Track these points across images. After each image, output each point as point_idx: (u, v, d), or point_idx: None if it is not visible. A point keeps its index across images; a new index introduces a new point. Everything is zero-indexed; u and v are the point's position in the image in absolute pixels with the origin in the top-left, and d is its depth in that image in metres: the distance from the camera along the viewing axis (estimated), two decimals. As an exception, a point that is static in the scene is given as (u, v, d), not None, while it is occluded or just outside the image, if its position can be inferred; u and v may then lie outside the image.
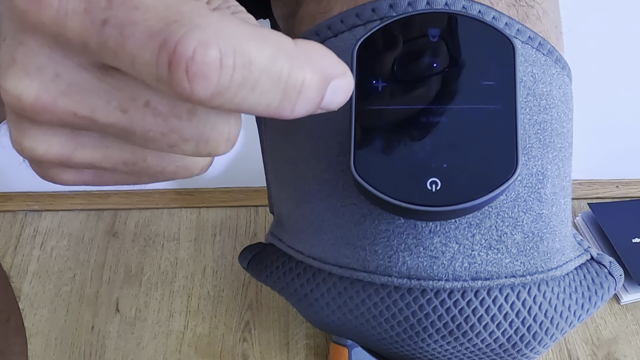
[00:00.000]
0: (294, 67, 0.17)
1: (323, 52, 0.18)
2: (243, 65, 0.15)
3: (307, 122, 0.32)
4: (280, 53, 0.16)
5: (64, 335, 1.04)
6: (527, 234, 0.30)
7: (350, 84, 0.19)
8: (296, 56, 0.17)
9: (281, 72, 0.16)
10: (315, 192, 0.32)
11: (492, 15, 0.30)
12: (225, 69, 0.15)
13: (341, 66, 0.19)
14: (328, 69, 0.18)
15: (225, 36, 0.15)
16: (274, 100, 0.17)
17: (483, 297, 0.30)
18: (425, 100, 0.26)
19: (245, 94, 0.16)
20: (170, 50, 0.15)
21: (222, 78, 0.15)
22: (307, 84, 0.17)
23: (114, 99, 0.17)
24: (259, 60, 0.16)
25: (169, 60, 0.15)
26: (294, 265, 0.35)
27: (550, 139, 0.31)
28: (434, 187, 0.25)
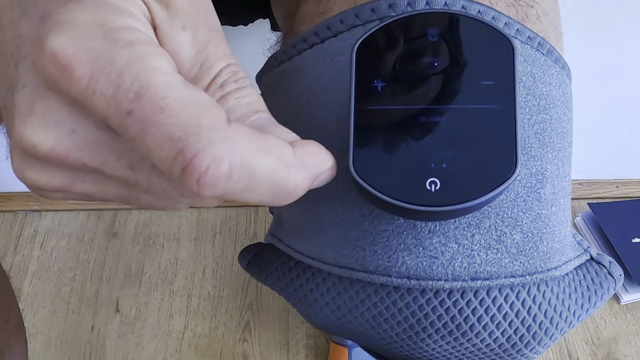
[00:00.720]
0: (290, 174, 0.19)
1: (317, 153, 0.21)
2: (247, 176, 0.18)
3: (307, 123, 0.32)
4: (281, 164, 0.19)
5: (64, 335, 1.04)
6: (526, 234, 0.30)
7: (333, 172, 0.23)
8: (293, 165, 0.19)
9: (278, 180, 0.19)
10: (314, 192, 0.32)
11: (491, 15, 0.30)
12: (232, 180, 0.17)
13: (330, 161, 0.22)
14: (319, 168, 0.21)
15: (237, 152, 0.17)
16: (268, 198, 0.19)
17: (482, 297, 0.30)
18: (424, 100, 0.26)
19: (244, 195, 0.18)
20: (187, 161, 0.17)
21: (228, 187, 0.17)
22: (299, 186, 0.20)
23: (124, 157, 0.19)
24: (261, 171, 0.18)
25: (184, 167, 0.17)
26: (294, 265, 0.35)
27: (550, 139, 0.31)
28: (433, 187, 0.25)
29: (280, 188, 0.19)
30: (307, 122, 0.32)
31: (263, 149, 0.18)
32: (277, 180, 0.19)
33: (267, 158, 0.18)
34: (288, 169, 0.19)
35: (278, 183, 0.19)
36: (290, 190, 0.20)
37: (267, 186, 0.19)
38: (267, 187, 0.19)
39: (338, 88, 0.31)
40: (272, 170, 0.18)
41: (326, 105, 0.31)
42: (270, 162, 0.18)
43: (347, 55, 0.30)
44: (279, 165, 0.19)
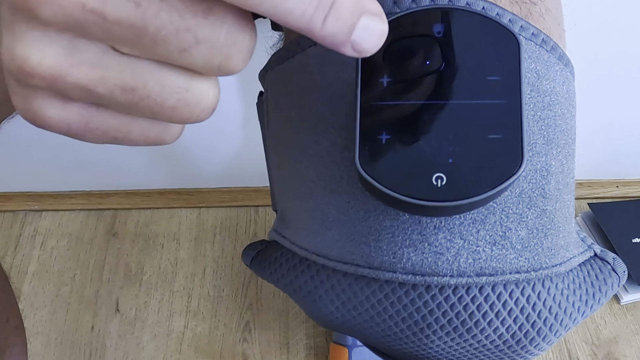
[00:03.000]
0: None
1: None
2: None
3: (312, 119, 0.32)
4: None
5: (64, 335, 1.04)
6: (531, 230, 0.30)
7: (385, 28, 0.19)
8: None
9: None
10: (319, 189, 0.32)
11: (495, 11, 0.30)
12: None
13: (376, 6, 0.19)
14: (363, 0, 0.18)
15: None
16: (309, 7, 0.17)
17: (487, 293, 0.30)
18: (430, 96, 0.26)
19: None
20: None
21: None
22: (341, 1, 0.17)
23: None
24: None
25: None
26: (298, 262, 0.35)
27: (554, 135, 0.31)
28: (439, 183, 0.25)
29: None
30: (312, 119, 0.32)
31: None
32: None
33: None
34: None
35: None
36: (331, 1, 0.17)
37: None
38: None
39: (343, 84, 0.31)
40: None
41: (331, 102, 0.31)
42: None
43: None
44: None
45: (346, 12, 0.18)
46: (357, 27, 0.18)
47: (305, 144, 0.33)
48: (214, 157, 1.16)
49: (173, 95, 0.19)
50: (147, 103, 0.19)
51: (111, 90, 0.18)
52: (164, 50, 0.17)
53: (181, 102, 0.19)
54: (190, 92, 0.19)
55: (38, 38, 0.17)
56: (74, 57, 0.17)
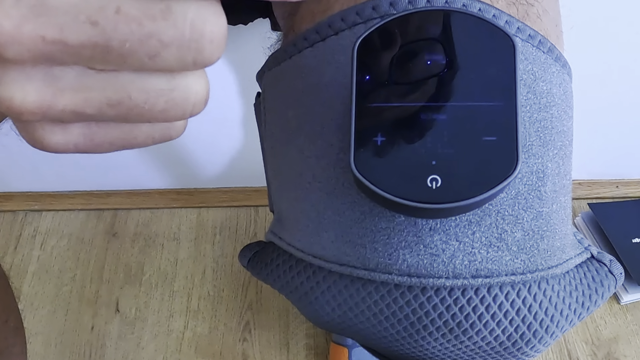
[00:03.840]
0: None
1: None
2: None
3: (308, 121, 0.32)
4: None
5: (64, 335, 1.04)
6: (527, 232, 0.30)
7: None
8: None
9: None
10: (315, 190, 0.32)
11: (492, 13, 0.30)
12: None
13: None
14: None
15: None
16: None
17: (483, 295, 0.30)
18: (425, 98, 0.26)
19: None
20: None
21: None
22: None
23: (82, 12, 0.16)
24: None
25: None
26: (294, 263, 0.35)
27: (551, 137, 0.31)
28: (434, 184, 0.25)
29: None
30: (308, 120, 0.32)
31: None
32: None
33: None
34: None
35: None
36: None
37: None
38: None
39: (339, 86, 0.31)
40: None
41: (327, 103, 0.31)
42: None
43: (348, 53, 0.30)
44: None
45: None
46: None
47: (302, 145, 0.33)
48: (214, 157, 1.16)
49: (160, 99, 0.19)
50: (137, 112, 0.19)
51: (99, 108, 0.18)
52: (135, 61, 0.17)
53: (170, 103, 0.19)
54: (176, 91, 0.19)
55: (15, 77, 0.17)
56: (53, 85, 0.18)
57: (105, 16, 0.16)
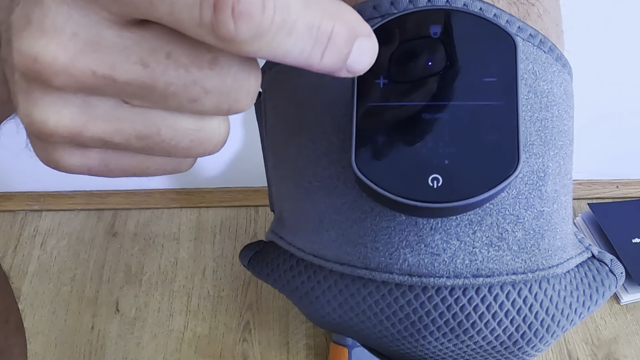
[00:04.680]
0: (324, 15, 0.17)
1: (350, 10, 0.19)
2: (282, 8, 0.16)
3: (309, 120, 0.32)
4: (312, 2, 0.17)
5: (64, 335, 1.04)
6: (528, 231, 0.30)
7: (375, 47, 0.20)
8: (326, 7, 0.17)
9: (314, 19, 0.17)
10: (316, 190, 0.32)
11: (493, 12, 0.30)
12: (267, 9, 0.16)
13: (366, 27, 0.19)
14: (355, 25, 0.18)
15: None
16: (306, 45, 0.17)
17: (484, 295, 0.30)
18: (426, 97, 0.26)
19: (282, 37, 0.16)
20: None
21: (265, 18, 0.16)
22: (336, 33, 0.18)
23: (134, 54, 0.17)
24: (295, 5, 0.16)
25: (215, 2, 0.15)
26: (295, 263, 0.35)
27: (552, 136, 0.31)
28: (435, 184, 0.25)
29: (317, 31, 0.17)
30: (308, 120, 0.32)
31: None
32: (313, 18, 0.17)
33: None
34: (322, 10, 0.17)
35: (315, 22, 0.17)
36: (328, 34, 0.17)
37: (304, 26, 0.17)
38: (304, 28, 0.17)
39: (340, 85, 0.31)
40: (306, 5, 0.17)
41: (328, 103, 0.31)
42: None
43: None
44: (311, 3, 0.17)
45: (342, 43, 0.18)
46: (353, 51, 0.19)
47: (302, 145, 0.33)
48: (213, 157, 1.16)
49: (186, 137, 0.20)
50: (162, 146, 0.20)
51: (127, 139, 0.19)
52: (175, 103, 0.18)
53: (194, 142, 0.20)
54: (202, 132, 0.20)
55: (53, 101, 0.18)
56: (88, 113, 0.18)
57: (156, 59, 0.17)
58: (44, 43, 0.17)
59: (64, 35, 0.17)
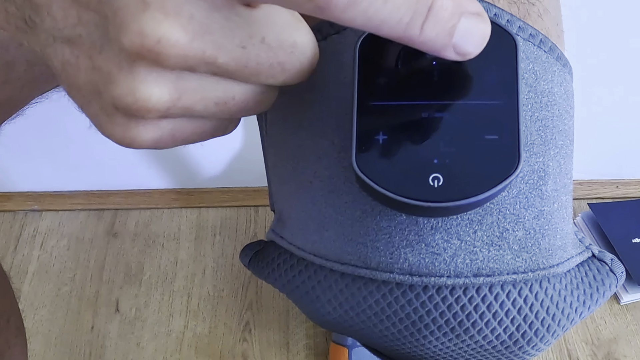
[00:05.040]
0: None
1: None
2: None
3: (309, 119, 0.32)
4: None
5: (64, 335, 1.04)
6: (528, 231, 0.30)
7: (487, 30, 0.20)
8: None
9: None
10: (316, 189, 0.32)
11: (493, 12, 0.30)
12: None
13: (476, 5, 0.19)
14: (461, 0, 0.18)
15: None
16: (405, 15, 0.17)
17: (485, 294, 0.30)
18: (427, 96, 0.26)
19: (378, 5, 0.17)
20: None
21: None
22: (439, 4, 0.17)
23: (237, 36, 0.19)
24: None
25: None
26: (296, 262, 0.35)
27: (552, 136, 0.31)
28: (436, 183, 0.25)
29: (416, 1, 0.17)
30: (309, 119, 0.32)
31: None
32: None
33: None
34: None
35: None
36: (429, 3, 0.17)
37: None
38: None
39: (340, 84, 0.31)
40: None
41: (329, 102, 0.31)
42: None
43: (349, 51, 0.30)
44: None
45: (445, 15, 0.18)
46: (458, 29, 0.18)
47: (303, 144, 0.33)
48: (214, 157, 1.17)
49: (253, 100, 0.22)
50: (232, 111, 0.22)
51: (206, 106, 0.21)
52: (255, 77, 0.20)
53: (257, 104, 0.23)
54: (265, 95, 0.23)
55: (156, 78, 0.19)
56: (182, 87, 0.20)
57: (253, 43, 0.19)
58: (167, 26, 0.17)
59: (183, 17, 0.17)
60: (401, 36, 0.18)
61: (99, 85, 0.19)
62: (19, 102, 0.39)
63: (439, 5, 0.17)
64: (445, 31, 0.18)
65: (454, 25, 0.18)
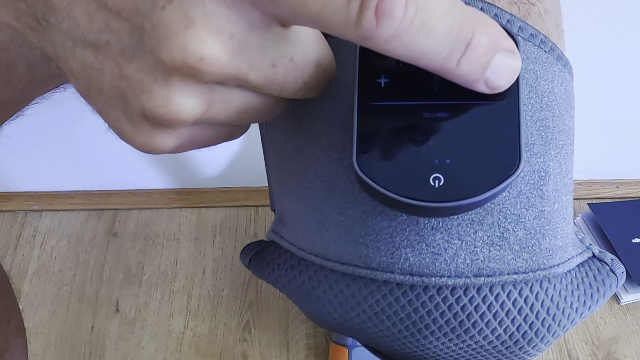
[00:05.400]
0: (465, 22, 0.18)
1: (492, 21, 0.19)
2: (424, 9, 0.17)
3: (310, 119, 0.32)
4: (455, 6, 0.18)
5: (64, 335, 1.04)
6: (529, 231, 0.30)
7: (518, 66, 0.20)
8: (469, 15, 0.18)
9: (454, 23, 0.17)
10: (317, 189, 0.32)
11: (494, 12, 0.30)
12: (409, 9, 0.17)
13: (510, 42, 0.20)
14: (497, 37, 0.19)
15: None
16: (443, 49, 0.18)
17: (485, 294, 0.30)
18: (428, 96, 0.26)
19: (420, 39, 0.17)
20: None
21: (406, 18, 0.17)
22: (476, 41, 0.18)
23: (270, 56, 0.19)
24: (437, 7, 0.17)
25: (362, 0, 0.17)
26: (296, 262, 0.35)
27: (552, 136, 0.31)
28: (436, 183, 0.25)
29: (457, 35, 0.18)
30: (309, 119, 0.32)
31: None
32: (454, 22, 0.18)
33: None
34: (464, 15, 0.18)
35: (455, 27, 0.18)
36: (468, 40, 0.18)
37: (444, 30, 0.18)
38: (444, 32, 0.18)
39: (341, 84, 0.31)
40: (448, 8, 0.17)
41: (329, 102, 0.31)
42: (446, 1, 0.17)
43: (350, 51, 0.30)
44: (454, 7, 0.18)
45: (481, 52, 0.19)
46: (492, 64, 0.19)
47: (303, 145, 0.33)
48: (213, 157, 1.17)
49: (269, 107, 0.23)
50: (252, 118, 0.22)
51: (228, 116, 0.21)
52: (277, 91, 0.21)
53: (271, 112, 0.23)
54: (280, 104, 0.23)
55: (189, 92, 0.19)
56: (211, 99, 0.20)
57: (283, 62, 0.20)
58: (210, 44, 0.18)
59: (224, 36, 0.18)
60: (438, 69, 0.19)
61: (126, 93, 0.20)
62: (20, 102, 0.39)
63: (476, 42, 0.18)
64: (480, 66, 0.19)
65: (488, 61, 0.19)
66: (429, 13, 0.17)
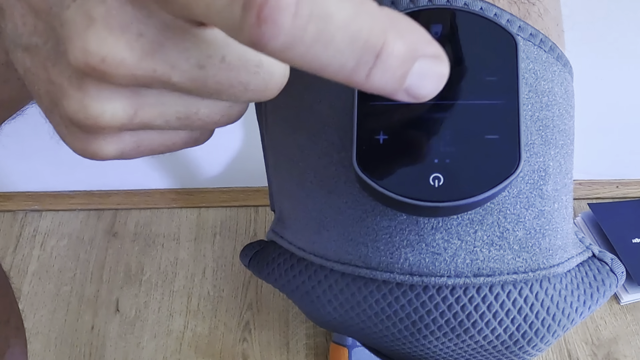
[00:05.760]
0: (375, 29, 0.15)
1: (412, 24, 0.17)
2: (319, 17, 0.14)
3: (309, 119, 0.32)
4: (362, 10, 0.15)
5: (64, 335, 1.04)
6: (529, 231, 0.30)
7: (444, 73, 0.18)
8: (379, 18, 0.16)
9: (359, 31, 0.15)
10: (316, 189, 0.32)
11: (493, 12, 0.30)
12: (299, 18, 0.14)
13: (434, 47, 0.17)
14: (415, 43, 0.16)
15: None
16: (348, 61, 0.16)
17: (485, 294, 0.30)
18: None
19: (318, 50, 0.15)
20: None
21: (295, 27, 0.14)
22: (388, 51, 0.16)
23: (193, 56, 0.18)
24: (337, 13, 0.15)
25: (244, 3, 0.14)
26: (296, 262, 0.35)
27: (552, 135, 0.31)
28: (436, 183, 0.25)
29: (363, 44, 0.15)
30: (309, 118, 0.32)
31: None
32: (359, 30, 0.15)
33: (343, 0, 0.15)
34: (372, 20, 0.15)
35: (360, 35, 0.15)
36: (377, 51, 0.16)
37: (347, 39, 0.15)
38: (347, 42, 0.15)
39: (341, 84, 0.31)
40: (352, 15, 0.15)
41: (329, 102, 0.31)
42: (348, 5, 0.15)
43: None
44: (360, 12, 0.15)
45: (394, 62, 0.16)
46: (411, 73, 0.17)
47: (303, 144, 0.33)
48: (214, 157, 1.16)
49: (218, 114, 0.21)
50: (197, 124, 0.21)
51: (168, 121, 0.20)
52: (217, 95, 0.19)
53: (225, 117, 0.22)
54: (232, 109, 0.22)
55: (108, 96, 0.18)
56: (138, 103, 0.19)
57: (212, 63, 0.18)
58: (112, 43, 0.16)
59: (130, 35, 0.17)
60: (345, 81, 0.16)
61: (55, 98, 0.19)
62: (19, 101, 0.39)
63: (388, 52, 0.16)
64: (395, 78, 0.17)
65: (406, 70, 0.17)
66: (326, 20, 0.15)
